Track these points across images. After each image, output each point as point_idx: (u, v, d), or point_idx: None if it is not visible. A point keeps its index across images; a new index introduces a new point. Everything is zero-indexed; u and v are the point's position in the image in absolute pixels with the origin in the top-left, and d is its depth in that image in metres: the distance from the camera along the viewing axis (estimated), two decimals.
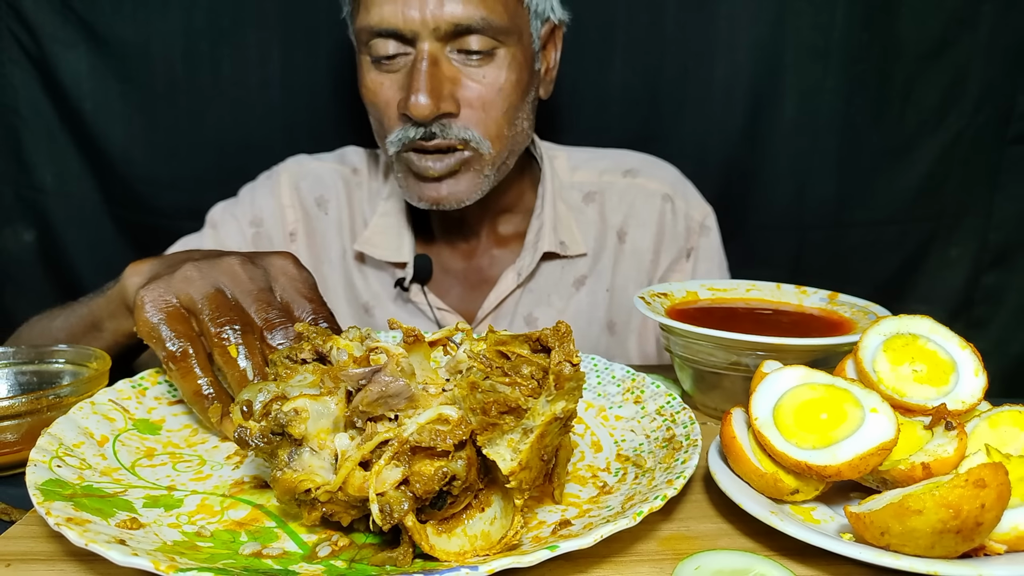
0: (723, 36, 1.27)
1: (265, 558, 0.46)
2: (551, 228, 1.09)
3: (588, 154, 1.19)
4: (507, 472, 0.44)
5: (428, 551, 0.45)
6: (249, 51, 1.26)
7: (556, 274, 1.12)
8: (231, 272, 0.65)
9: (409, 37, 0.93)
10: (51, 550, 0.49)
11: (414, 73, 0.92)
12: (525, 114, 1.02)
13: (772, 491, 0.52)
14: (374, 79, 0.98)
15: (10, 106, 1.26)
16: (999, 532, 0.45)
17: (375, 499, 0.45)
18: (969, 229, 1.36)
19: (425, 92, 0.91)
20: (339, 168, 1.17)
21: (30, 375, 0.74)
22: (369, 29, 0.94)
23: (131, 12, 1.22)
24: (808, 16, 1.25)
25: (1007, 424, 0.52)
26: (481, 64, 0.95)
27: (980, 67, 1.28)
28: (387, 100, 0.97)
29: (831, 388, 0.53)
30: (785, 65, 1.28)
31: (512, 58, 0.96)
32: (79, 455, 0.56)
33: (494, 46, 0.95)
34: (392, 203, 1.12)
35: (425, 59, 0.92)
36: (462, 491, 0.46)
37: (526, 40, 0.99)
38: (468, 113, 0.95)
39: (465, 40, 0.93)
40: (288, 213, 1.14)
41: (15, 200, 1.31)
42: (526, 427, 0.45)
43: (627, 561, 0.48)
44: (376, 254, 1.10)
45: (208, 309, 0.62)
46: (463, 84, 0.95)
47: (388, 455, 0.45)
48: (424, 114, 0.92)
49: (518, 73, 0.97)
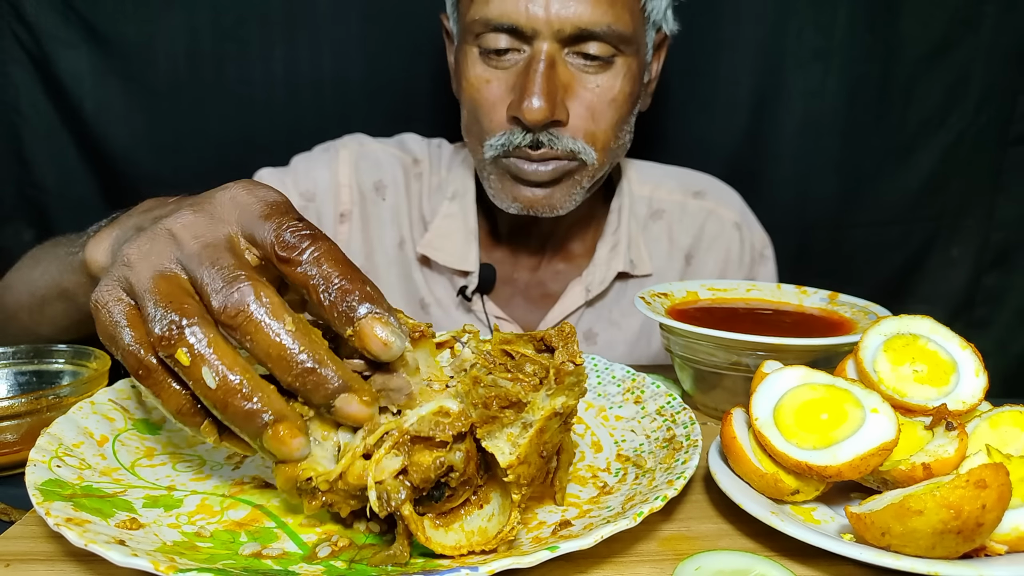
0: (726, 37, 1.27)
1: (265, 558, 0.46)
2: (625, 246, 1.07)
3: (655, 170, 1.17)
4: (505, 465, 0.44)
5: (424, 542, 0.45)
6: (251, 49, 1.26)
7: (619, 292, 1.09)
8: (172, 238, 0.48)
9: (528, 34, 0.88)
10: (51, 550, 0.49)
11: (530, 74, 0.88)
12: (630, 126, 0.99)
13: (772, 491, 0.52)
14: (479, 75, 0.93)
15: (11, 105, 1.26)
16: (1000, 533, 0.45)
17: (373, 486, 0.44)
18: (970, 229, 1.36)
19: (541, 96, 0.87)
20: (399, 155, 1.13)
21: (30, 375, 0.74)
22: (485, 21, 0.89)
23: (132, 11, 1.22)
24: (810, 17, 1.25)
25: (1008, 424, 0.52)
26: (598, 71, 0.91)
27: (982, 68, 1.28)
28: (493, 100, 0.92)
29: (832, 388, 0.53)
30: (787, 66, 1.28)
31: (628, 68, 0.93)
32: (79, 455, 0.56)
33: (613, 54, 0.91)
34: (457, 204, 1.07)
35: (543, 60, 0.88)
36: (460, 484, 0.46)
37: (642, 50, 0.96)
38: (577, 122, 0.91)
39: (585, 45, 0.89)
40: (343, 192, 1.09)
41: (16, 198, 1.31)
42: (525, 421, 0.46)
43: (627, 561, 0.48)
44: (440, 259, 1.06)
45: (150, 305, 0.45)
46: (576, 92, 0.91)
47: (388, 444, 0.45)
48: (538, 119, 0.87)
49: (632, 84, 0.94)
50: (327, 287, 0.45)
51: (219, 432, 0.47)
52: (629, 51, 0.92)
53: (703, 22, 1.26)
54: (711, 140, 1.31)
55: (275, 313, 0.44)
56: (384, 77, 1.27)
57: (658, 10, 0.96)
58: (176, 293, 0.45)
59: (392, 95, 1.28)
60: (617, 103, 0.93)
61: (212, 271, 0.45)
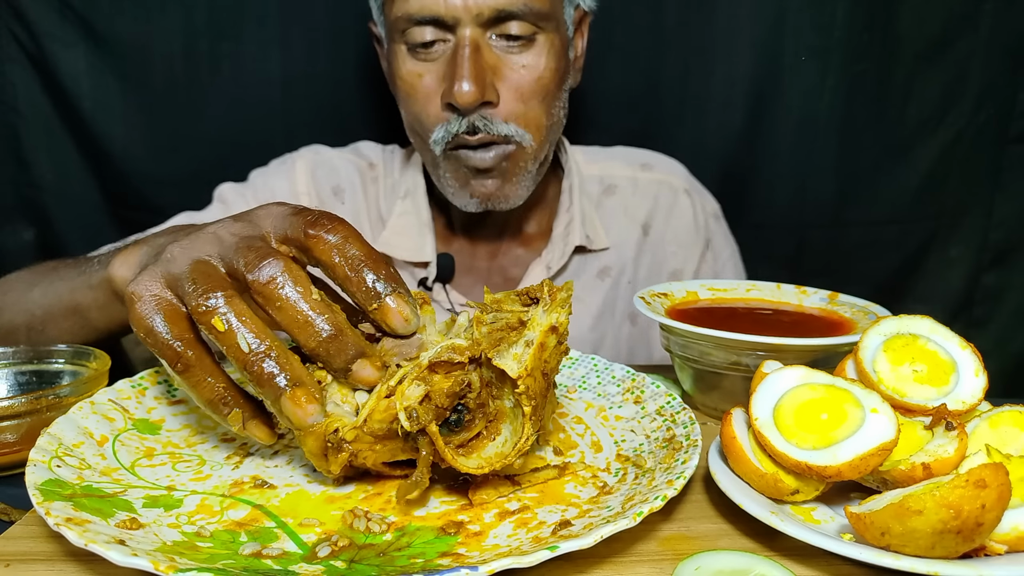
0: (723, 35, 1.27)
1: (265, 558, 0.46)
2: (580, 222, 1.10)
3: (600, 152, 1.20)
4: (515, 376, 0.51)
5: (451, 462, 0.51)
6: (249, 49, 1.26)
7: (580, 267, 1.12)
8: (214, 237, 0.55)
9: (450, 23, 0.91)
10: (51, 550, 0.49)
11: (457, 59, 0.91)
12: (561, 103, 1.01)
13: (772, 491, 0.52)
14: (411, 69, 0.96)
15: (9, 104, 1.26)
16: (999, 532, 0.45)
17: (402, 408, 0.50)
18: (969, 228, 1.36)
19: (469, 79, 0.90)
20: (355, 160, 1.16)
21: (29, 375, 0.74)
22: (408, 16, 0.93)
23: (130, 10, 1.22)
24: (808, 15, 1.25)
25: (1008, 424, 0.52)
26: (522, 50, 0.94)
27: (980, 66, 1.28)
28: (427, 92, 0.95)
29: (831, 388, 0.53)
30: (785, 64, 1.28)
31: (551, 44, 0.96)
32: (79, 455, 0.56)
33: (534, 31, 0.94)
34: (409, 202, 1.11)
35: (467, 45, 0.91)
36: (476, 408, 0.52)
37: (562, 27, 0.99)
38: (508, 103, 0.94)
39: (506, 25, 0.92)
40: (303, 200, 1.12)
41: (14, 198, 1.31)
42: (528, 339, 0.52)
43: (627, 561, 0.48)
44: (398, 255, 1.09)
45: (190, 281, 0.51)
46: (503, 73, 0.94)
47: (411, 376, 0.51)
48: (469, 101, 0.90)
49: (556, 60, 0.97)
50: (353, 266, 0.51)
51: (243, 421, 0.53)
52: (549, 27, 0.95)
53: (700, 20, 1.26)
54: (708, 139, 1.31)
55: (303, 285, 0.50)
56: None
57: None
58: (212, 272, 0.52)
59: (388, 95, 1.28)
60: (544, 80, 0.96)
61: (248, 254, 0.51)
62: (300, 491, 0.56)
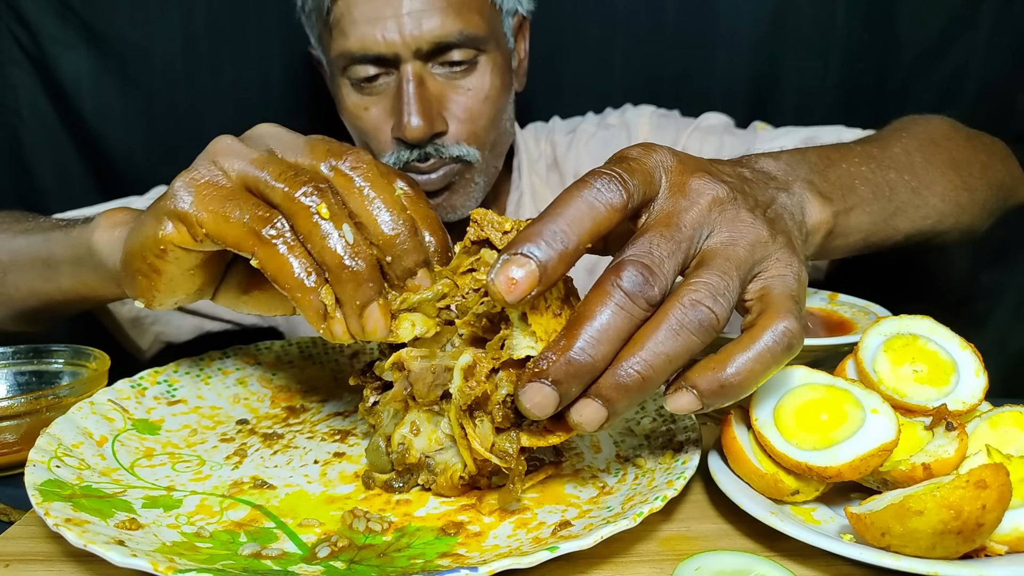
0: (723, 35, 1.27)
1: (264, 559, 0.46)
2: (530, 198, 1.11)
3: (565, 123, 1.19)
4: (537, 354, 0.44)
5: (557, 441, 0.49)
6: (249, 51, 1.26)
7: None
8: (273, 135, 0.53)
9: (391, 59, 0.92)
10: (50, 551, 0.49)
11: (402, 96, 0.92)
12: (508, 114, 1.03)
13: (772, 492, 0.52)
14: (356, 103, 0.97)
15: (10, 107, 1.26)
16: (1000, 533, 0.45)
17: (489, 455, 0.49)
18: None
19: (417, 114, 0.91)
20: None
21: (29, 375, 0.74)
22: (348, 55, 0.93)
23: (130, 12, 1.23)
24: (808, 15, 1.25)
25: (1008, 424, 0.52)
26: (465, 75, 0.95)
27: (980, 66, 1.28)
28: (376, 125, 0.96)
29: (832, 388, 0.53)
30: (785, 64, 1.28)
31: (493, 63, 0.97)
32: (78, 455, 0.56)
33: (475, 55, 0.95)
34: None
35: (411, 80, 0.92)
36: None
37: (502, 42, 1.00)
38: (457, 127, 0.96)
39: (447, 55, 0.93)
40: None
41: (15, 200, 1.31)
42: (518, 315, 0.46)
43: (627, 562, 0.48)
44: None
45: (270, 170, 0.49)
46: (450, 99, 0.95)
47: (465, 425, 0.50)
48: (419, 136, 0.91)
49: (501, 77, 0.98)
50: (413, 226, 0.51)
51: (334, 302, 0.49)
52: (490, 47, 0.96)
53: (700, 20, 1.26)
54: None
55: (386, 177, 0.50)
56: None
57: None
58: (298, 169, 0.49)
59: None
60: (491, 99, 0.97)
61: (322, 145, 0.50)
62: (300, 491, 0.56)
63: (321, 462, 0.61)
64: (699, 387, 0.43)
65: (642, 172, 0.45)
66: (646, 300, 0.41)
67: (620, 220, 0.44)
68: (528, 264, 0.41)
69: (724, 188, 0.47)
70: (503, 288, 0.41)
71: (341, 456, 0.62)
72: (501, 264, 0.41)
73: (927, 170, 0.76)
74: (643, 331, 0.42)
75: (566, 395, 0.42)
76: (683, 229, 0.44)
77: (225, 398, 0.70)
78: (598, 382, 0.42)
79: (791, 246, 0.48)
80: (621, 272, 0.42)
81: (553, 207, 0.43)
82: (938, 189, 0.76)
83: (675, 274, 0.44)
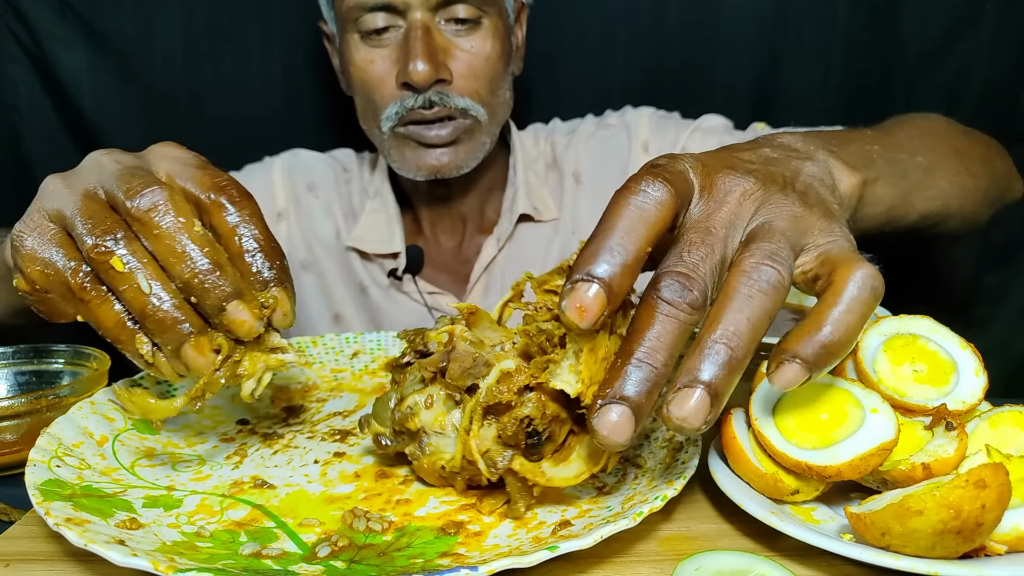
0: (724, 34, 1.27)
1: (264, 558, 0.46)
2: (524, 193, 1.12)
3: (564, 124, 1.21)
4: (575, 395, 0.45)
5: (546, 483, 0.50)
6: (250, 49, 1.26)
7: (534, 240, 1.14)
8: (95, 166, 0.52)
9: (401, 8, 0.96)
10: (50, 550, 0.49)
11: (410, 42, 0.96)
12: (507, 85, 1.07)
13: (772, 491, 0.52)
14: (364, 56, 1.00)
15: (9, 104, 1.26)
16: (1000, 533, 0.45)
17: (479, 458, 0.51)
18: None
19: (423, 58, 0.95)
20: (331, 162, 1.22)
21: (29, 375, 0.74)
22: (360, 4, 0.97)
23: (130, 10, 1.22)
24: (810, 14, 1.25)
25: (1008, 424, 0.52)
26: (468, 33, 0.99)
27: (983, 66, 1.28)
28: (380, 76, 0.99)
29: (831, 388, 0.53)
30: (787, 64, 1.27)
31: (495, 28, 1.01)
32: (78, 455, 0.56)
33: (479, 15, 0.99)
34: (378, 201, 1.15)
35: (419, 28, 0.96)
36: (553, 425, 0.50)
37: (504, 13, 1.04)
38: (460, 81, 0.99)
39: (453, 9, 0.97)
40: (279, 193, 1.17)
41: (14, 198, 1.30)
42: (576, 349, 0.46)
43: (627, 562, 0.48)
44: (369, 248, 1.13)
45: (81, 218, 0.49)
46: (454, 53, 0.99)
47: (476, 420, 0.51)
48: (424, 78, 0.95)
49: (501, 43, 1.02)
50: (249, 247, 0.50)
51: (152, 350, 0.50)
52: (492, 12, 1.01)
53: (701, 19, 1.26)
54: None
55: (185, 216, 0.48)
56: None
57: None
58: (104, 211, 0.49)
59: None
60: (491, 60, 1.01)
61: (131, 180, 0.49)
62: (300, 491, 0.56)
63: (321, 462, 0.61)
64: (800, 355, 0.42)
65: (676, 173, 0.45)
66: (689, 304, 0.41)
67: (673, 217, 0.43)
68: (591, 287, 0.40)
69: (750, 180, 0.46)
70: (575, 317, 0.41)
71: (341, 456, 0.62)
72: (568, 293, 0.41)
73: (933, 154, 0.77)
74: (715, 309, 0.42)
75: (639, 410, 0.40)
76: (714, 231, 0.44)
77: (225, 398, 0.70)
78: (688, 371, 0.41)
79: (829, 214, 0.48)
80: (659, 285, 0.41)
81: (605, 221, 0.42)
82: (945, 173, 0.78)
83: (714, 275, 0.43)
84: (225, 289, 0.48)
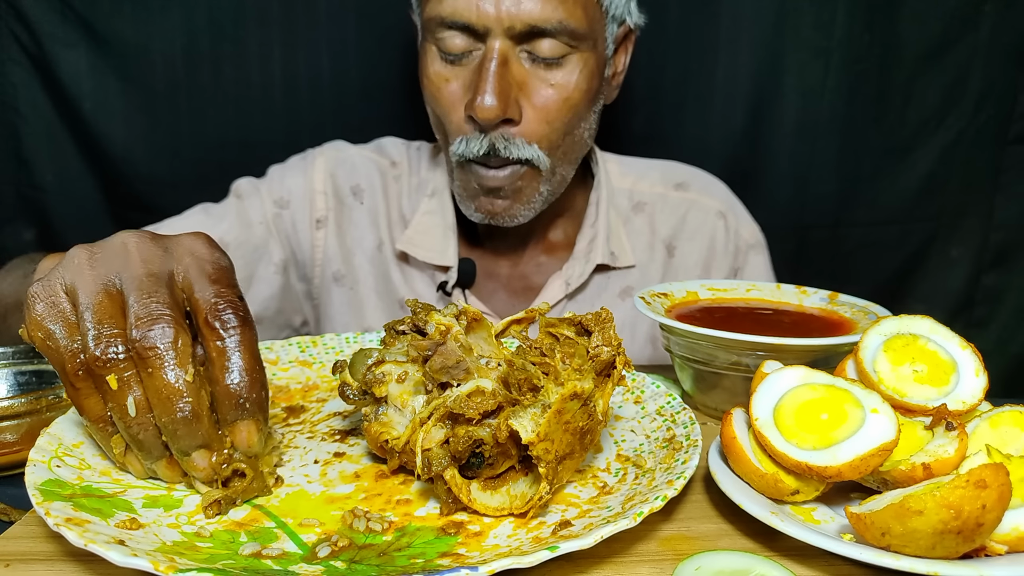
0: (724, 35, 1.27)
1: (265, 558, 0.46)
2: (604, 239, 1.07)
3: (638, 163, 1.17)
4: (526, 441, 0.48)
5: (467, 503, 0.51)
6: (250, 49, 1.26)
7: (602, 284, 1.09)
8: (123, 253, 0.53)
9: (480, 32, 0.89)
10: (50, 550, 0.49)
11: (482, 72, 0.89)
12: (588, 123, 0.98)
13: (772, 491, 0.52)
14: (439, 72, 0.94)
15: (10, 104, 1.26)
16: (1000, 533, 0.45)
17: (420, 453, 0.52)
18: (970, 229, 1.36)
19: (493, 94, 0.88)
20: (377, 159, 1.14)
21: (29, 375, 0.74)
22: (440, 19, 0.90)
23: (130, 11, 1.22)
24: (809, 15, 1.25)
25: (1008, 424, 0.52)
26: (552, 68, 0.91)
27: (981, 67, 1.28)
28: (452, 100, 0.93)
29: (832, 388, 0.53)
30: (786, 64, 1.28)
31: (584, 64, 0.92)
32: (79, 455, 0.56)
33: (567, 52, 0.91)
34: (436, 201, 1.08)
35: (495, 58, 0.88)
36: (498, 455, 0.51)
37: (600, 46, 0.95)
38: (530, 122, 0.92)
39: (538, 44, 0.89)
40: (319, 199, 1.10)
41: (15, 198, 1.31)
42: (544, 403, 0.50)
43: (627, 562, 0.48)
44: (420, 255, 1.07)
45: (92, 316, 0.50)
46: (530, 89, 0.91)
47: (435, 417, 0.52)
48: (490, 117, 0.88)
49: (588, 81, 0.93)
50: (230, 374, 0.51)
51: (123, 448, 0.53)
52: (585, 47, 0.92)
53: (701, 20, 1.26)
54: (709, 139, 1.31)
55: (182, 365, 0.50)
56: (382, 77, 1.27)
57: (618, 4, 0.96)
58: (115, 317, 0.50)
59: (390, 95, 1.28)
60: (572, 101, 0.92)
61: (145, 301, 0.50)
62: (300, 491, 0.56)
63: (321, 462, 0.61)
64: None
65: None
66: None
67: None
68: None
69: None
70: None
71: (341, 456, 0.62)
72: None
73: None
74: None
75: None
76: None
77: None
78: None
79: None
80: None
81: None
82: None
83: None
84: (194, 441, 0.51)
